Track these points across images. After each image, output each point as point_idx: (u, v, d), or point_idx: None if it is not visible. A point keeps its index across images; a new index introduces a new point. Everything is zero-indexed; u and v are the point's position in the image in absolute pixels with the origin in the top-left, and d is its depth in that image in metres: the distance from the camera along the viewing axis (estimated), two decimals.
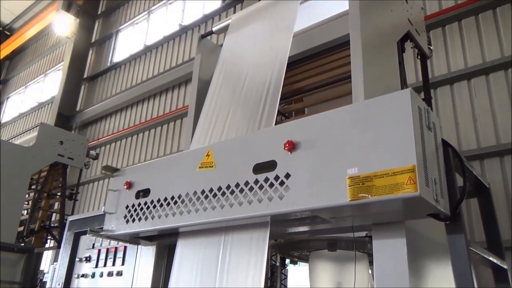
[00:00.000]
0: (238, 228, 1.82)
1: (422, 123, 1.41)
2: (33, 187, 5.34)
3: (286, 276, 3.67)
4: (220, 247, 1.88)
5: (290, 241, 2.51)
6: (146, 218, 2.00)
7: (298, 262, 3.25)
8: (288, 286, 3.87)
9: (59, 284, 2.75)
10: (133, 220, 2.05)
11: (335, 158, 1.47)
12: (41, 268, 10.62)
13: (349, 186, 1.40)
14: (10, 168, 4.39)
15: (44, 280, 10.20)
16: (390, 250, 1.54)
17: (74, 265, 2.79)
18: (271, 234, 1.75)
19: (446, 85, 5.28)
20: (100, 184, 10.27)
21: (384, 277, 1.53)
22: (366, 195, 1.36)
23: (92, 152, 5.48)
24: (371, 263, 2.51)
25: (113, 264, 2.55)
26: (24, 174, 4.49)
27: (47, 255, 10.92)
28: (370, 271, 2.52)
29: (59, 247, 3.76)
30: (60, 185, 5.55)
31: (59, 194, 5.58)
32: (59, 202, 5.55)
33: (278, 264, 4.09)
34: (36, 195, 5.29)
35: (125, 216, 2.09)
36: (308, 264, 2.66)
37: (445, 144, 1.57)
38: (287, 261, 3.75)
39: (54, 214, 5.69)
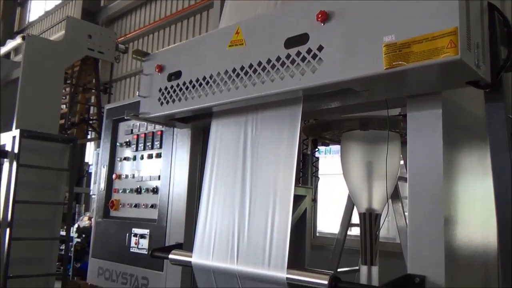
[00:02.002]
0: (271, 106, 1.83)
1: None
2: (68, 81, 5.48)
3: (317, 159, 3.79)
4: (253, 125, 1.91)
5: (322, 122, 2.54)
6: (179, 100, 2.03)
7: (329, 145, 3.32)
8: (319, 170, 4.01)
9: (104, 166, 2.94)
10: (167, 102, 2.09)
11: (371, 26, 1.40)
12: (86, 160, 11.37)
13: (385, 54, 1.35)
14: (45, 62, 4.47)
15: (89, 171, 10.98)
16: (425, 122, 1.53)
17: (116, 149, 2.95)
18: (303, 114, 1.76)
19: None
20: (132, 80, 10.43)
21: (417, 150, 1.54)
22: (403, 62, 1.31)
23: (121, 46, 5.46)
24: (402, 143, 2.53)
25: (152, 148, 2.68)
26: (58, 68, 4.58)
27: (90, 149, 11.60)
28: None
29: (99, 137, 3.95)
30: (93, 79, 5.66)
31: (94, 88, 5.73)
32: (95, 96, 5.71)
33: (309, 152, 4.21)
34: (72, 89, 5.45)
35: (159, 99, 2.13)
36: (339, 145, 2.71)
37: (491, 8, 1.46)
38: (318, 149, 3.85)
39: (91, 108, 5.91)
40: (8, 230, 3.90)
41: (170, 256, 2.06)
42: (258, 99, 1.78)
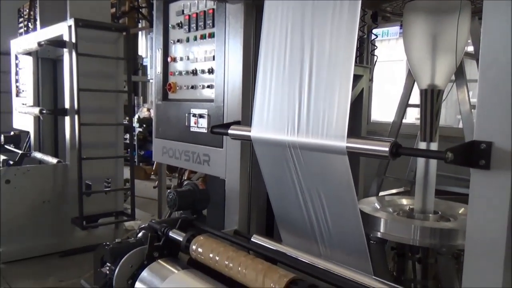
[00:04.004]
0: None
1: None
2: None
3: (376, 36, 3.59)
4: None
5: None
6: None
7: (389, 19, 3.10)
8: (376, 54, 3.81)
9: (158, 50, 2.96)
10: None
11: None
12: (139, 54, 11.55)
13: None
14: None
15: (144, 64, 11.22)
16: None
17: (169, 32, 2.92)
18: None
19: None
20: None
21: (494, 12, 1.39)
22: None
23: None
24: (473, 13, 2.31)
25: (204, 28, 2.62)
26: None
27: (142, 43, 11.70)
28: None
29: (150, 25, 3.92)
30: None
31: None
32: None
33: (365, 36, 3.98)
34: None
35: None
36: (398, 26, 2.52)
37: None
38: (377, 25, 3.60)
39: None
40: (76, 116, 4.17)
41: (230, 131, 2.13)
42: None
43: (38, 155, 5.05)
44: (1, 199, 4.16)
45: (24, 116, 5.38)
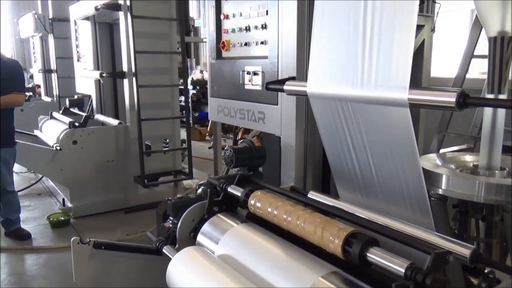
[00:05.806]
0: None
1: None
2: None
3: None
4: None
5: None
6: None
7: None
8: None
9: (211, 7, 2.92)
10: None
11: None
12: (191, 15, 11.57)
13: None
14: None
15: (196, 25, 11.23)
16: None
17: None
18: None
19: None
20: None
21: None
22: None
23: None
24: None
25: None
26: None
27: (193, 5, 11.67)
28: None
29: None
30: None
31: None
32: None
33: None
34: None
35: None
36: None
37: None
38: None
39: None
40: (134, 79, 4.29)
41: (285, 87, 2.10)
42: None
43: (100, 117, 5.30)
44: (70, 158, 4.44)
45: (85, 80, 5.62)
